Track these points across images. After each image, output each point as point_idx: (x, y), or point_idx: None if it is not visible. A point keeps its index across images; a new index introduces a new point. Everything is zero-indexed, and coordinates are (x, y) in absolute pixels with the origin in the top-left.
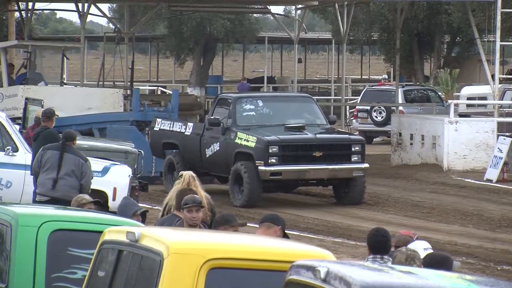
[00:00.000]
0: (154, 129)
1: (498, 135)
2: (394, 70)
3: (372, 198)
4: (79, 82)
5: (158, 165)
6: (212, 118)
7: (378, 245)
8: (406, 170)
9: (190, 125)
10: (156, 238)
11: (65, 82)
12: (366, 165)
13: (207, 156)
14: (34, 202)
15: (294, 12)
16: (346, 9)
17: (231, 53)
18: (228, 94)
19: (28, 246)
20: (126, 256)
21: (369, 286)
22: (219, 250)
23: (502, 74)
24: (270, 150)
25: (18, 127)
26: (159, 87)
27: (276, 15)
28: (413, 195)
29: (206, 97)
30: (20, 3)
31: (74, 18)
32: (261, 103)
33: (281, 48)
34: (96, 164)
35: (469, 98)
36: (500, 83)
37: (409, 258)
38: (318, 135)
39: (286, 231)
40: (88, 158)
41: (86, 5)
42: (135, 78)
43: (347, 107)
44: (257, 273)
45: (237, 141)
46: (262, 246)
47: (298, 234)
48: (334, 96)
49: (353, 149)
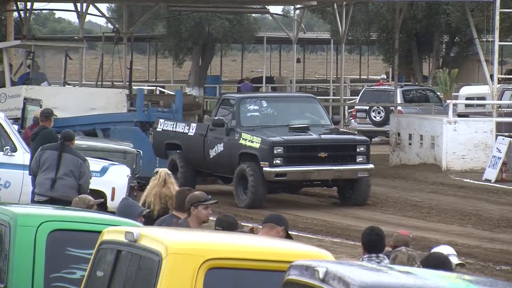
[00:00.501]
0: (157, 129)
1: (496, 135)
2: (392, 70)
3: (371, 198)
4: (78, 82)
5: (162, 166)
6: (216, 118)
7: (372, 243)
8: (404, 170)
9: (194, 125)
10: (154, 238)
11: (68, 82)
12: (371, 165)
13: (211, 157)
14: (33, 202)
15: (292, 12)
16: (345, 9)
17: (230, 53)
18: (232, 94)
19: (26, 246)
20: (125, 256)
21: (367, 286)
22: (218, 250)
23: (501, 74)
24: (275, 151)
25: (17, 127)
26: (158, 87)
27: (274, 15)
28: (411, 195)
29: (205, 97)
30: (18, 3)
31: (73, 18)
32: (265, 104)
33: (279, 48)
34: (94, 164)
35: (467, 98)
36: (498, 83)
37: (410, 258)
38: (323, 136)
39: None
40: (86, 158)
41: (84, 5)
42: (134, 78)
43: (346, 107)
44: (256, 273)
45: (241, 142)
46: (260, 246)
47: (297, 234)
48: (333, 96)
49: (358, 149)
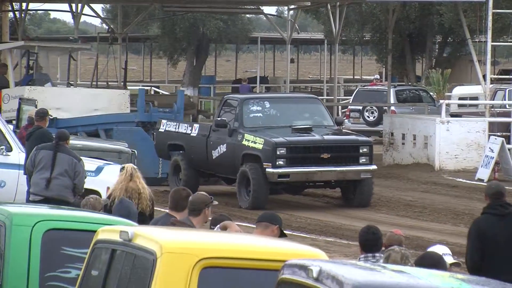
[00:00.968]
0: (159, 130)
1: (489, 135)
2: (386, 70)
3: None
4: (73, 83)
5: (165, 166)
6: (219, 119)
7: (369, 243)
8: (398, 170)
9: (196, 126)
10: (149, 237)
11: (71, 83)
12: (374, 166)
13: (214, 157)
14: (28, 201)
15: (286, 12)
16: (338, 9)
17: (224, 53)
18: (234, 95)
19: (22, 245)
20: (120, 255)
21: (361, 285)
22: (212, 249)
23: (494, 75)
24: (278, 152)
25: (12, 127)
26: (153, 87)
27: (268, 16)
28: (405, 195)
29: (199, 97)
30: (13, 4)
31: (68, 18)
32: (268, 105)
33: (273, 48)
34: (89, 163)
35: (460, 98)
36: (491, 83)
37: (404, 257)
38: (326, 137)
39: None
40: (81, 157)
41: (79, 5)
42: (129, 78)
43: (340, 107)
44: (250, 272)
45: (244, 142)
46: (255, 245)
47: (291, 233)
48: (327, 96)
49: (361, 150)
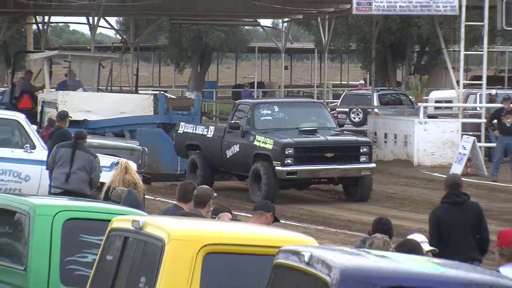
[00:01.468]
0: (178, 131)
1: (462, 134)
2: (370, 76)
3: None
4: (91, 87)
5: (183, 164)
6: (232, 122)
7: (380, 232)
8: (380, 166)
9: (212, 128)
10: (158, 226)
11: (100, 88)
12: (373, 165)
13: (228, 156)
14: (50, 194)
15: (281, 24)
16: (327, 22)
17: (225, 61)
18: (246, 100)
19: (44, 233)
20: (132, 242)
21: (348, 269)
22: (215, 236)
23: (466, 80)
24: (286, 152)
25: (35, 127)
26: (161, 92)
27: (265, 27)
28: (387, 188)
29: (203, 100)
30: (37, 17)
31: (86, 30)
32: (276, 109)
33: (269, 56)
34: (104, 160)
35: (436, 101)
36: (464, 88)
37: (386, 244)
38: (329, 138)
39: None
40: (97, 154)
41: (96, 18)
42: (140, 83)
43: (328, 109)
44: (249, 257)
45: (255, 143)
46: (253, 233)
47: (285, 222)
48: (317, 99)
49: (361, 150)
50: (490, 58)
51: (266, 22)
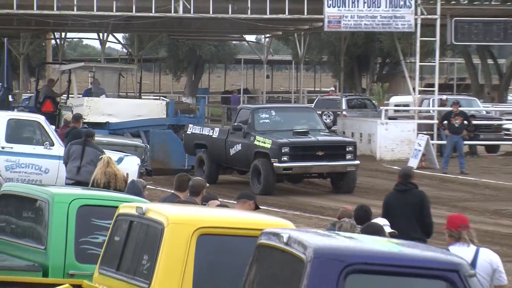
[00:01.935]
0: (187, 132)
1: (417, 133)
2: (339, 84)
3: (323, 181)
4: (112, 94)
5: (190, 160)
6: (235, 124)
7: (361, 218)
8: None
9: (217, 129)
10: (158, 211)
11: (120, 94)
12: (358, 162)
13: (231, 154)
14: (66, 184)
15: (263, 39)
16: (303, 37)
17: (215, 71)
18: (247, 106)
19: (61, 218)
20: (136, 225)
21: (320, 248)
22: (207, 220)
23: (421, 87)
24: (283, 150)
25: (53, 127)
26: (161, 97)
27: (249, 42)
28: None
29: (196, 104)
30: (55, 33)
31: (96, 44)
32: (273, 113)
33: (253, 67)
34: (113, 155)
35: (396, 105)
36: (419, 94)
37: (352, 227)
38: (320, 138)
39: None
40: (107, 150)
41: (105, 34)
42: (143, 90)
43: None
44: (236, 238)
45: (256, 143)
46: (239, 218)
47: (267, 208)
48: (294, 103)
49: (347, 149)
50: (441, 68)
51: (251, 38)
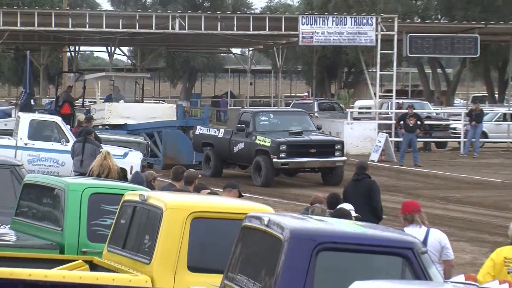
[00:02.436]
0: (196, 133)
1: (378, 132)
2: (311, 90)
3: (298, 174)
4: (129, 99)
5: (198, 157)
6: (238, 126)
7: (332, 204)
8: None
9: (222, 130)
10: (158, 198)
11: (136, 99)
12: (345, 158)
13: (235, 151)
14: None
15: (247, 52)
16: (281, 50)
17: (207, 78)
18: (249, 109)
19: (75, 203)
20: (139, 210)
21: (295, 229)
22: (199, 206)
23: (381, 93)
24: (281, 148)
25: (69, 127)
26: (160, 101)
27: (235, 54)
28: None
29: (191, 107)
30: (70, 47)
31: (105, 56)
32: (272, 116)
33: (239, 75)
34: (119, 150)
35: (360, 108)
36: (379, 98)
37: (323, 211)
38: (312, 137)
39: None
40: (114, 146)
41: (113, 48)
42: (145, 95)
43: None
44: (224, 221)
45: (257, 141)
46: (227, 204)
47: (250, 196)
48: (273, 107)
49: (336, 147)
50: (398, 77)
51: (236, 50)
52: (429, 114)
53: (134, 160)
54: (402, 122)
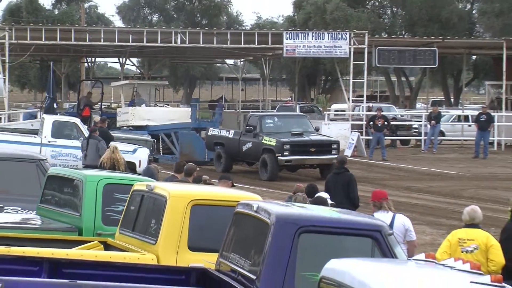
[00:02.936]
0: (208, 134)
1: (351, 131)
2: (294, 95)
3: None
4: (148, 103)
5: (209, 154)
6: (247, 127)
7: (310, 193)
8: None
9: (232, 131)
10: (162, 188)
11: (156, 104)
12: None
13: (243, 150)
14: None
15: (239, 63)
16: (268, 61)
17: (204, 85)
18: (255, 114)
19: (91, 193)
20: (146, 198)
21: (280, 214)
22: (198, 194)
23: (353, 97)
24: (285, 147)
25: (86, 127)
26: (165, 105)
27: (229, 65)
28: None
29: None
30: (87, 58)
31: (117, 66)
32: (276, 119)
33: (232, 83)
34: (129, 147)
35: (335, 111)
36: (352, 102)
37: (304, 199)
38: (312, 138)
39: (235, 184)
40: (125, 143)
41: (124, 59)
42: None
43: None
44: (219, 207)
45: (263, 141)
46: (222, 193)
47: (241, 186)
48: (261, 109)
49: (332, 146)
50: (368, 84)
51: (230, 61)
52: (394, 116)
53: (142, 155)
54: (371, 123)
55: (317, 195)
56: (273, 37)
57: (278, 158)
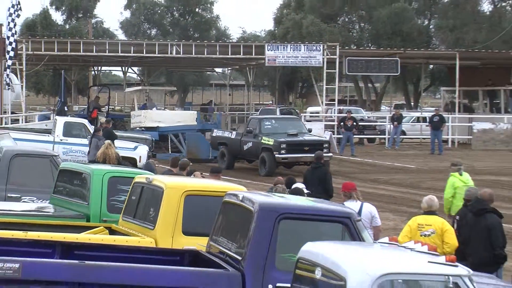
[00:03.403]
0: (213, 135)
1: (324, 131)
2: (275, 99)
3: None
4: (159, 106)
5: (213, 153)
6: (248, 129)
7: (288, 185)
8: None
9: (234, 133)
10: (160, 180)
11: (165, 107)
12: (331, 154)
13: (244, 149)
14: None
15: (227, 71)
16: (252, 69)
17: (196, 91)
18: (256, 116)
19: (98, 184)
20: (146, 189)
21: (263, 203)
22: (191, 186)
23: (326, 101)
24: (282, 146)
25: (93, 127)
26: (163, 108)
27: (218, 72)
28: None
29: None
30: (94, 67)
31: (120, 74)
32: (274, 121)
33: (220, 88)
34: (131, 144)
35: (311, 113)
36: (325, 106)
37: (284, 190)
38: (306, 138)
39: (222, 177)
40: (126, 141)
41: (126, 68)
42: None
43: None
44: (209, 197)
45: (262, 141)
46: (212, 184)
47: (229, 178)
48: (246, 112)
49: (324, 145)
50: (339, 89)
51: (218, 70)
52: (362, 117)
53: (142, 152)
54: (342, 123)
55: (294, 186)
56: (256, 48)
57: (275, 156)
